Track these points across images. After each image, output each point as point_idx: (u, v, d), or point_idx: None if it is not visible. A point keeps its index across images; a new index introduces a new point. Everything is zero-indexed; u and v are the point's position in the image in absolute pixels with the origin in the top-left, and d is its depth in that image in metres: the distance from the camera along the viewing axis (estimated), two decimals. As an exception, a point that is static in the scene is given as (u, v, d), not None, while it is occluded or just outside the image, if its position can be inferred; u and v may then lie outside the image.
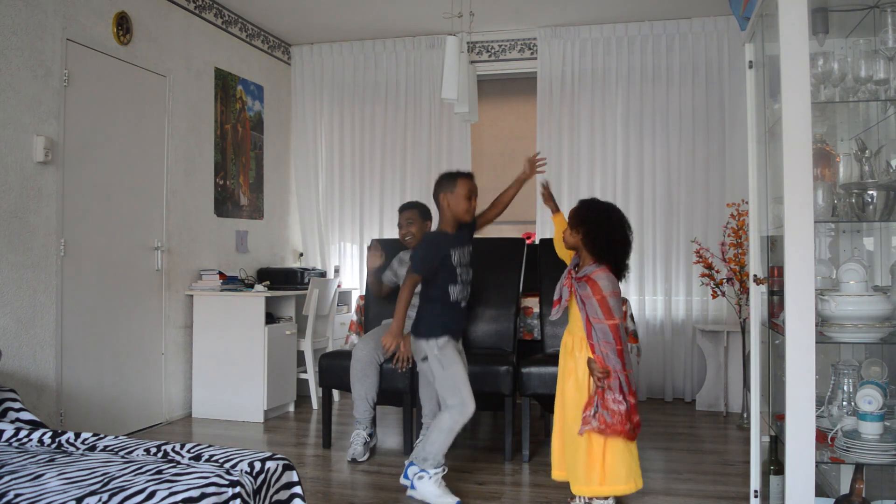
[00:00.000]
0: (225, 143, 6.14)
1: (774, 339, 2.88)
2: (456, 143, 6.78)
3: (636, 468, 3.39)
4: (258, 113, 6.64)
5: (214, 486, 2.23)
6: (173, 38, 5.52)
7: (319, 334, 6.08)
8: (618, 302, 3.35)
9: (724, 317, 6.09)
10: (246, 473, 2.40)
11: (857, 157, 2.71)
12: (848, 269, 2.60)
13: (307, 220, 7.18)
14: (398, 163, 6.99)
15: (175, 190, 5.49)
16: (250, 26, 6.51)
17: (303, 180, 7.17)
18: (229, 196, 6.18)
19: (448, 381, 3.66)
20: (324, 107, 7.16)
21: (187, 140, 5.66)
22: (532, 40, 6.73)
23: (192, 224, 5.70)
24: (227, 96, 6.17)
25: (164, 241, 5.35)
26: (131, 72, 5.08)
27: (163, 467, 2.41)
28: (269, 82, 6.84)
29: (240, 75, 6.35)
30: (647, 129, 6.43)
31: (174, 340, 5.47)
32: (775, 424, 2.89)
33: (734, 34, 6.16)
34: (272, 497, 2.49)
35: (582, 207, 3.50)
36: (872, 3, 2.74)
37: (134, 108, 5.12)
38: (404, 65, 6.97)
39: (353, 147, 7.11)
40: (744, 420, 5.28)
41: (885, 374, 2.67)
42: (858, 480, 2.56)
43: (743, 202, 5.18)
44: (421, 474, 3.66)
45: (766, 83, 3.04)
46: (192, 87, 5.73)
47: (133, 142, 5.10)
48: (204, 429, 5.25)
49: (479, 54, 6.82)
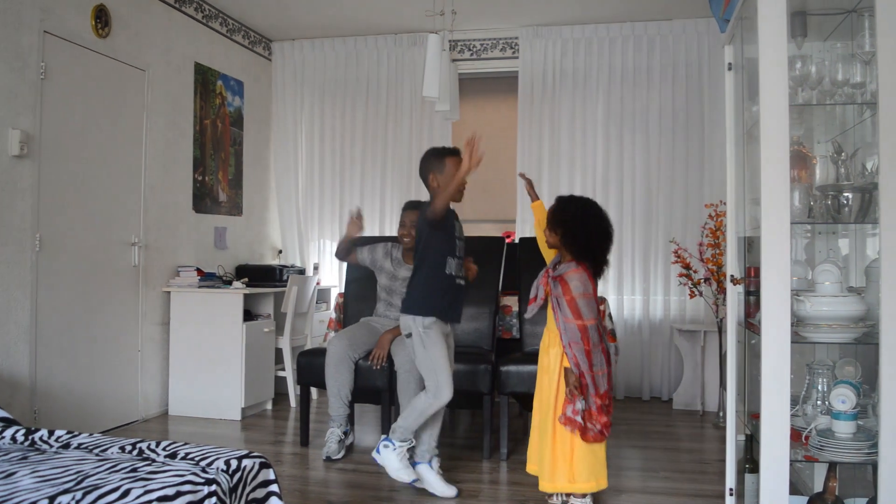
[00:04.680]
0: (204, 139, 6.09)
1: (751, 339, 2.90)
2: (437, 141, 6.76)
3: (599, 468, 3.42)
4: (238, 108, 6.60)
5: (190, 485, 2.22)
6: (153, 31, 5.47)
7: (298, 332, 6.05)
8: (589, 303, 3.36)
9: (701, 316, 6.14)
10: (222, 471, 2.39)
11: (833, 160, 2.74)
12: (823, 270, 2.63)
13: (286, 217, 7.15)
14: (379, 160, 6.97)
15: (153, 185, 5.45)
16: (231, 21, 6.46)
17: (282, 177, 7.14)
18: (208, 192, 6.14)
19: (427, 362, 3.67)
20: (304, 103, 7.13)
21: (166, 135, 5.61)
22: (514, 39, 6.73)
23: (170, 220, 5.66)
24: (206, 91, 6.13)
25: (142, 237, 5.31)
26: (110, 65, 5.03)
27: (138, 465, 2.39)
28: (250, 78, 6.80)
29: (220, 70, 6.31)
30: (627, 129, 6.46)
31: (151, 337, 5.43)
32: (751, 423, 2.91)
33: (714, 36, 6.20)
34: (248, 495, 2.48)
35: (559, 207, 3.51)
36: (850, 8, 2.77)
37: (112, 102, 5.07)
38: (386, 62, 6.95)
39: (334, 144, 7.08)
40: (720, 419, 5.32)
41: (858, 373, 2.69)
42: (832, 479, 2.58)
43: (721, 203, 5.21)
44: (386, 443, 3.71)
45: (745, 85, 3.06)
46: (171, 82, 5.68)
47: (111, 136, 5.05)
48: (180, 426, 5.22)
49: (461, 53, 6.82)
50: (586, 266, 3.41)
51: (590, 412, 3.36)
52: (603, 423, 3.37)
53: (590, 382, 3.35)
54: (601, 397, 3.38)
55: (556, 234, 3.45)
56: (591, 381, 3.35)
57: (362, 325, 4.72)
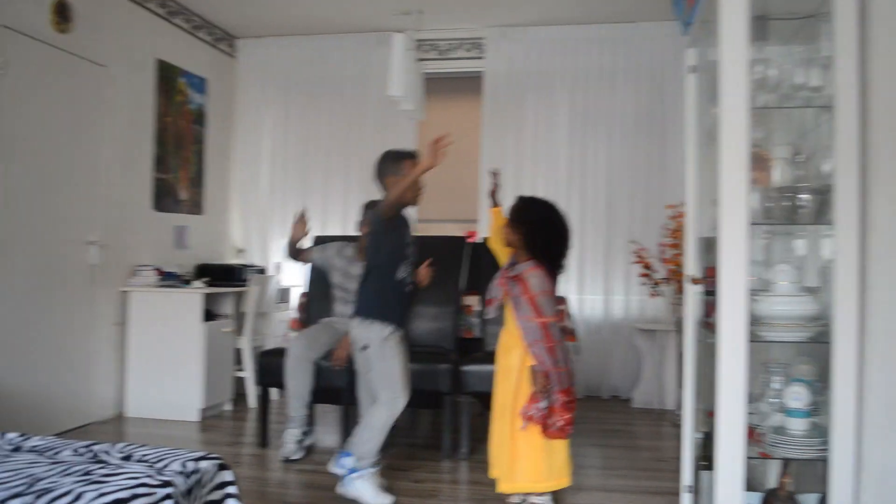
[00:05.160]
0: (165, 137, 6.01)
1: (708, 339, 2.93)
2: (401, 140, 6.73)
3: (561, 465, 3.43)
4: (201, 106, 6.52)
5: (145, 487, 2.18)
6: (114, 27, 5.38)
7: (258, 332, 6.00)
8: (549, 300, 3.38)
9: (661, 316, 6.19)
10: (178, 473, 2.35)
11: (791, 162, 2.78)
12: (779, 270, 2.67)
13: (249, 216, 7.08)
14: (343, 160, 6.93)
15: (112, 183, 5.35)
16: (194, 18, 6.38)
17: (245, 175, 7.07)
18: (168, 190, 6.06)
19: (385, 375, 3.62)
20: (269, 101, 7.06)
21: (126, 132, 5.52)
22: (480, 40, 6.74)
23: (129, 218, 5.57)
24: (168, 88, 6.05)
25: (99, 236, 5.21)
26: (69, 61, 4.93)
27: (91, 468, 2.34)
28: (213, 75, 6.72)
29: (183, 67, 6.23)
30: (591, 130, 6.50)
31: (107, 338, 5.33)
32: (707, 421, 2.94)
33: (677, 39, 6.23)
34: (205, 497, 2.44)
35: (523, 206, 3.51)
36: (809, 13, 2.82)
37: (71, 98, 4.97)
38: (351, 61, 6.91)
39: (298, 143, 7.03)
40: (678, 417, 5.37)
41: (812, 372, 2.74)
42: (786, 475, 2.63)
43: (681, 204, 5.25)
44: (356, 474, 3.62)
45: (706, 88, 3.09)
46: (132, 79, 5.59)
47: (69, 133, 4.95)
48: (137, 428, 5.14)
49: (427, 52, 6.80)
50: (544, 265, 3.42)
51: (553, 409, 3.37)
52: (566, 419, 3.39)
53: (554, 379, 3.36)
54: (565, 393, 3.40)
55: (519, 232, 3.45)
56: (555, 378, 3.36)
57: (323, 326, 4.70)
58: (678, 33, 6.11)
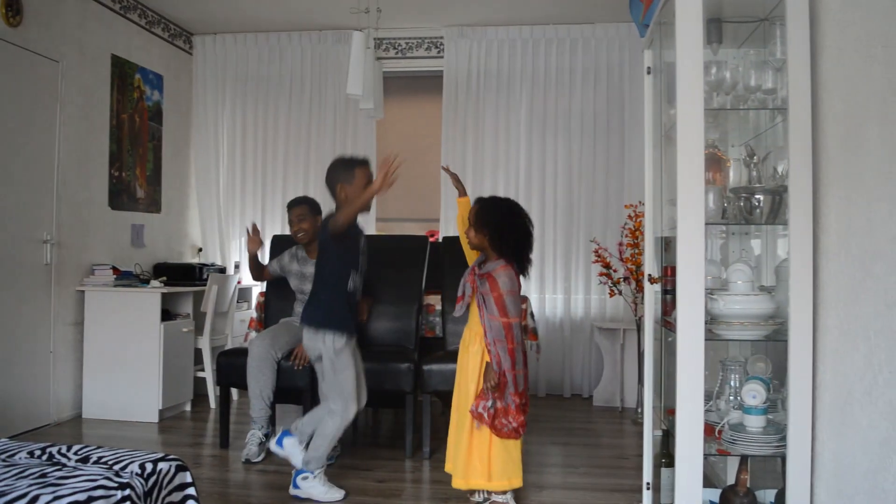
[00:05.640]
0: (121, 133, 5.92)
1: (667, 337, 2.97)
2: (361, 139, 6.74)
3: (513, 467, 3.44)
4: (157, 103, 6.43)
5: (102, 489, 2.15)
6: (67, 21, 5.28)
7: (218, 332, 5.94)
8: (515, 301, 3.40)
9: (620, 315, 6.26)
10: (136, 475, 2.32)
11: (746, 163, 2.83)
12: (736, 269, 2.71)
13: (207, 215, 7.00)
14: (302, 158, 6.89)
15: (66, 181, 5.26)
16: (150, 13, 6.29)
17: (203, 173, 6.99)
18: (125, 188, 5.97)
19: (337, 385, 3.65)
20: (226, 98, 7.00)
21: (80, 129, 5.42)
22: (439, 39, 6.75)
23: (85, 217, 5.47)
24: (124, 84, 5.95)
25: (54, 234, 5.11)
26: (21, 55, 4.83)
27: (47, 470, 2.31)
28: (170, 72, 6.63)
29: (138, 63, 6.14)
30: (550, 130, 6.55)
31: (63, 338, 5.24)
32: (667, 419, 2.98)
33: (635, 40, 6.33)
34: (164, 499, 2.41)
35: (484, 208, 3.52)
36: (763, 16, 2.87)
37: (23, 93, 4.86)
38: (310, 59, 6.88)
39: (256, 141, 6.97)
40: (638, 415, 5.44)
41: (769, 369, 2.79)
42: (743, 471, 2.67)
43: (640, 204, 5.33)
44: (305, 475, 3.67)
45: (664, 89, 3.13)
46: (86, 74, 5.49)
47: (21, 129, 4.85)
48: (95, 430, 5.06)
49: (386, 51, 6.79)
50: (513, 265, 3.45)
51: (507, 409, 3.39)
52: (519, 421, 3.41)
53: (510, 380, 3.39)
54: (519, 395, 3.43)
55: (483, 235, 3.47)
56: (511, 380, 3.39)
57: (283, 326, 4.67)
58: (635, 35, 6.23)
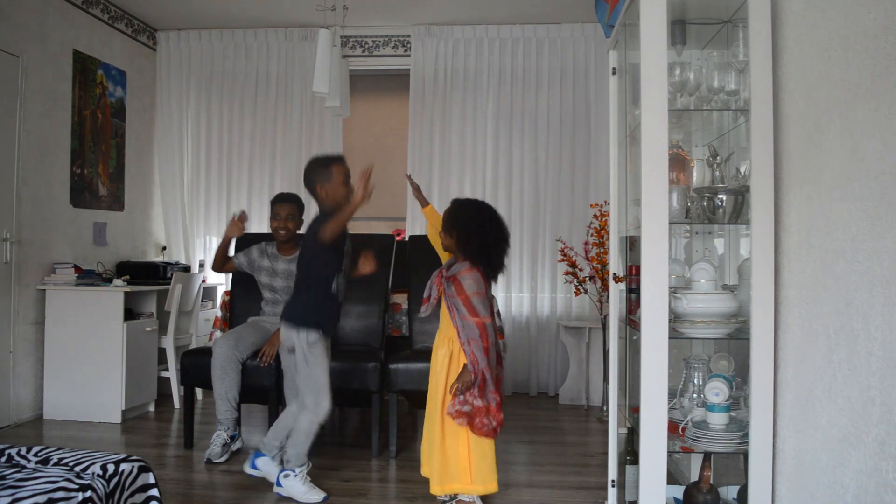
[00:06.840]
0: (83, 130, 5.82)
1: (632, 335, 3.00)
2: (327, 137, 6.71)
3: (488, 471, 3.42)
4: (120, 99, 6.34)
5: (63, 491, 2.11)
6: (27, 15, 5.18)
7: (182, 331, 5.87)
8: (483, 301, 3.40)
9: (586, 313, 6.31)
10: (98, 477, 2.29)
11: (709, 163, 2.87)
12: (699, 268, 2.75)
13: (171, 213, 6.92)
14: (267, 156, 6.84)
15: (27, 178, 5.16)
16: (113, 8, 6.20)
17: (167, 171, 6.91)
18: (87, 185, 5.88)
19: (309, 379, 3.66)
20: (191, 95, 6.92)
21: (41, 125, 5.33)
22: (406, 37, 6.74)
23: (46, 214, 5.38)
24: (86, 80, 5.86)
25: (14, 233, 5.02)
26: (-23, 50, 4.74)
27: (6, 472, 2.27)
28: (133, 68, 6.54)
29: (101, 59, 6.04)
30: (517, 129, 6.57)
31: (24, 338, 5.15)
32: (632, 417, 3.01)
33: (600, 41, 6.38)
34: (127, 500, 2.38)
35: (455, 210, 3.53)
36: (726, 18, 2.91)
37: (-20, 88, 4.78)
38: (276, 56, 6.83)
39: (221, 138, 6.91)
40: (603, 413, 5.48)
41: (731, 367, 2.83)
42: (706, 468, 2.70)
43: (605, 203, 5.37)
44: (287, 472, 3.68)
45: (629, 89, 3.16)
46: (47, 69, 5.40)
47: (-22, 125, 4.76)
48: (56, 431, 4.97)
49: (353, 49, 6.77)
50: (480, 268, 3.45)
51: (489, 408, 3.39)
52: (499, 420, 3.41)
53: (489, 379, 3.38)
54: (499, 393, 3.43)
55: (452, 237, 3.47)
56: (490, 378, 3.38)
57: (250, 325, 4.63)
58: (601, 35, 6.28)
